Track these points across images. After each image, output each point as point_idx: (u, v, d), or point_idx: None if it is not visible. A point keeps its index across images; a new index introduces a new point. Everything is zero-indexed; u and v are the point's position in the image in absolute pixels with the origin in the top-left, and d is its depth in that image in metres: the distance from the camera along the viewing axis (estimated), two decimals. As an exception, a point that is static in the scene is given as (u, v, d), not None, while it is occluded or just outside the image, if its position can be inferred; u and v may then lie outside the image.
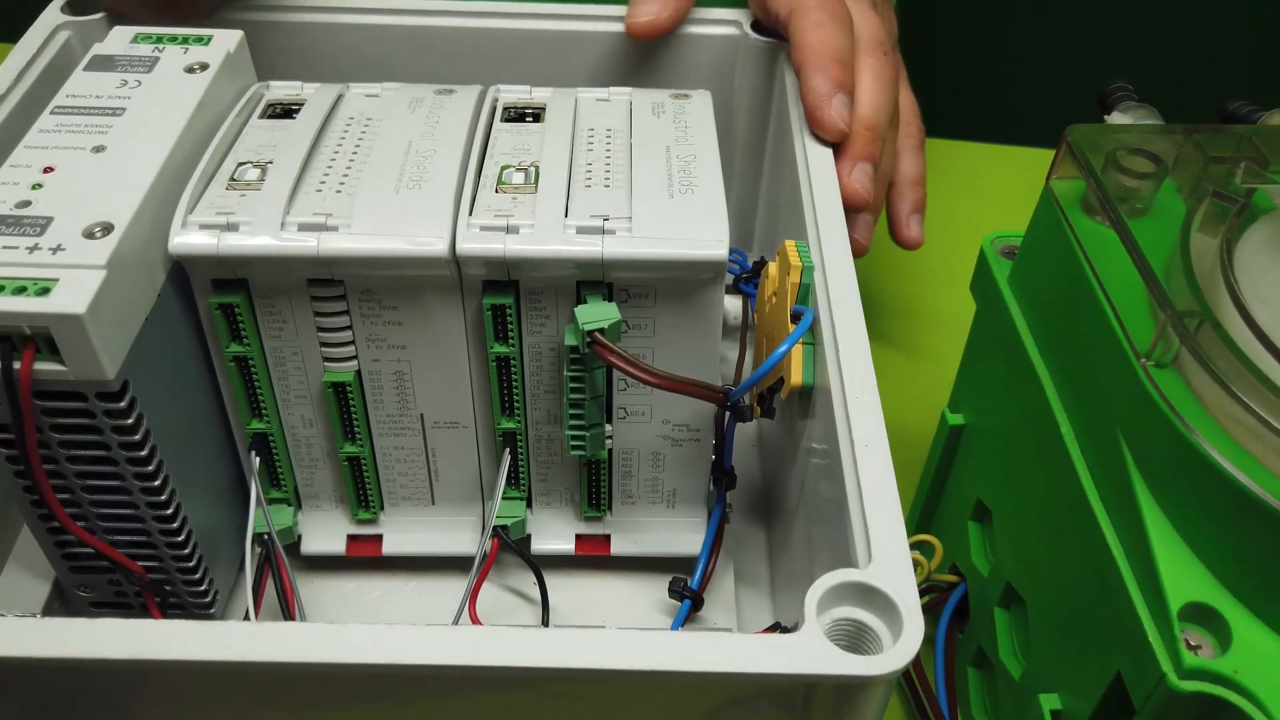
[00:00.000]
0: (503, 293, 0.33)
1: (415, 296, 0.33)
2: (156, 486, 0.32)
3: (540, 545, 0.39)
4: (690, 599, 0.37)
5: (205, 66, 0.35)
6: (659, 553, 0.39)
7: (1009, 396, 0.34)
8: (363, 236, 0.31)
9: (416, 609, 0.39)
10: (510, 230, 0.32)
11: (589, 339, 0.32)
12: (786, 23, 0.40)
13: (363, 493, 0.38)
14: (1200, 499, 0.25)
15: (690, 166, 0.34)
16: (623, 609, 0.39)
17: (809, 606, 0.25)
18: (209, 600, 0.36)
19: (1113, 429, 0.27)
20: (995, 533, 0.35)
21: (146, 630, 0.24)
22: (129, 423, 0.30)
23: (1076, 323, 0.30)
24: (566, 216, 0.32)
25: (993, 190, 0.63)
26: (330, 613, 0.39)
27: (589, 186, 0.34)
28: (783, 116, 0.43)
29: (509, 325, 0.33)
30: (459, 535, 0.39)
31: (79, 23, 0.43)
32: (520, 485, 0.38)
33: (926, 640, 0.38)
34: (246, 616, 0.35)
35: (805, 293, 0.33)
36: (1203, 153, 0.31)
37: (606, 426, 0.36)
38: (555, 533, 0.39)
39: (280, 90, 0.38)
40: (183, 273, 0.32)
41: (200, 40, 0.37)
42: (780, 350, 0.32)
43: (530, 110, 0.38)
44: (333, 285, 0.33)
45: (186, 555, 0.34)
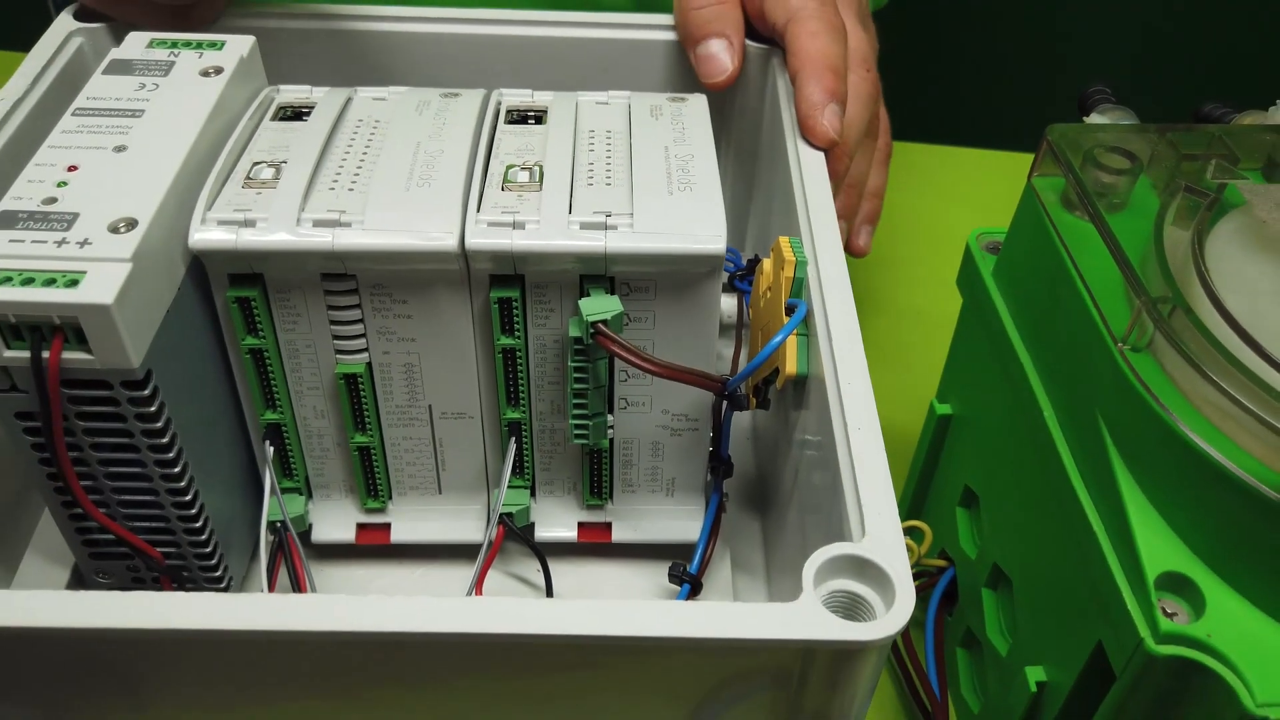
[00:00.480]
0: (509, 286, 0.34)
1: (425, 290, 0.34)
2: (176, 473, 0.33)
3: (543, 533, 0.40)
4: (689, 584, 0.38)
5: (220, 70, 0.37)
6: (659, 539, 0.40)
7: (994, 385, 0.35)
8: (376, 232, 0.33)
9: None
10: (517, 226, 0.33)
11: (593, 330, 0.33)
12: (783, 31, 0.42)
13: (372, 482, 0.39)
14: (1175, 475, 0.27)
15: (688, 166, 0.36)
16: (624, 594, 0.40)
17: (806, 577, 0.26)
18: (224, 585, 0.37)
19: (1092, 411, 0.29)
20: (983, 517, 0.37)
21: (181, 601, 0.25)
22: (152, 410, 0.31)
23: (1057, 312, 0.31)
24: (570, 213, 0.34)
25: (972, 192, 0.65)
26: (340, 599, 0.40)
27: (591, 185, 0.35)
28: (775, 120, 0.44)
29: (515, 318, 0.35)
30: (465, 523, 0.40)
31: (90, 29, 0.44)
32: (524, 474, 0.39)
33: (917, 623, 0.39)
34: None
35: (799, 286, 0.35)
36: (1176, 150, 0.33)
37: (608, 416, 0.37)
38: (558, 520, 0.40)
39: (290, 94, 0.39)
40: (200, 268, 0.34)
41: (214, 45, 0.38)
42: (776, 340, 0.33)
43: (532, 113, 0.39)
44: (345, 280, 0.34)
45: (203, 541, 0.35)
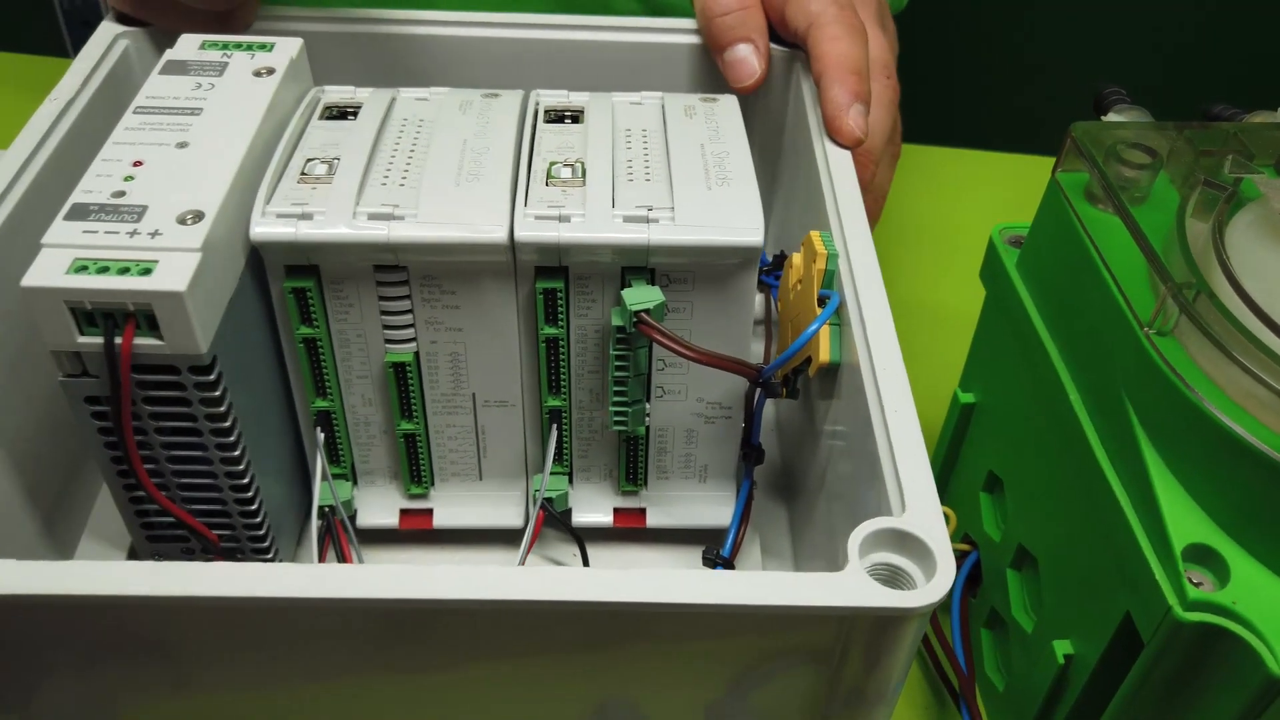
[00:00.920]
0: (554, 278, 0.36)
1: (473, 282, 0.36)
2: (236, 457, 0.34)
3: (580, 517, 0.41)
4: (723, 566, 0.40)
5: (271, 71, 0.38)
6: (692, 524, 0.42)
7: (1019, 372, 0.37)
8: (429, 225, 0.34)
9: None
10: (563, 219, 0.35)
11: (635, 319, 0.35)
12: (805, 36, 0.43)
13: (416, 469, 0.40)
14: (1200, 451, 0.28)
15: (724, 162, 0.37)
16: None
17: (851, 549, 0.27)
18: (275, 568, 0.38)
19: (1118, 393, 0.30)
20: (1007, 500, 0.38)
21: (239, 571, 0.26)
22: (216, 395, 0.32)
23: (1082, 300, 0.33)
24: (613, 207, 0.35)
25: (976, 192, 0.67)
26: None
27: (631, 180, 0.37)
28: (799, 120, 0.46)
29: (559, 308, 0.36)
30: (505, 509, 0.41)
31: (134, 33, 0.46)
32: (563, 461, 0.40)
33: (942, 606, 0.41)
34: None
35: (830, 278, 0.36)
36: (1193, 147, 0.34)
37: (646, 404, 0.38)
38: (594, 506, 0.42)
39: (335, 94, 0.41)
40: (257, 259, 0.35)
41: (264, 47, 0.39)
42: (811, 329, 0.35)
43: (569, 112, 0.41)
44: (397, 271, 0.35)
45: (258, 524, 0.36)
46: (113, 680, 0.30)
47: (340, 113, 0.40)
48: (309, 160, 0.36)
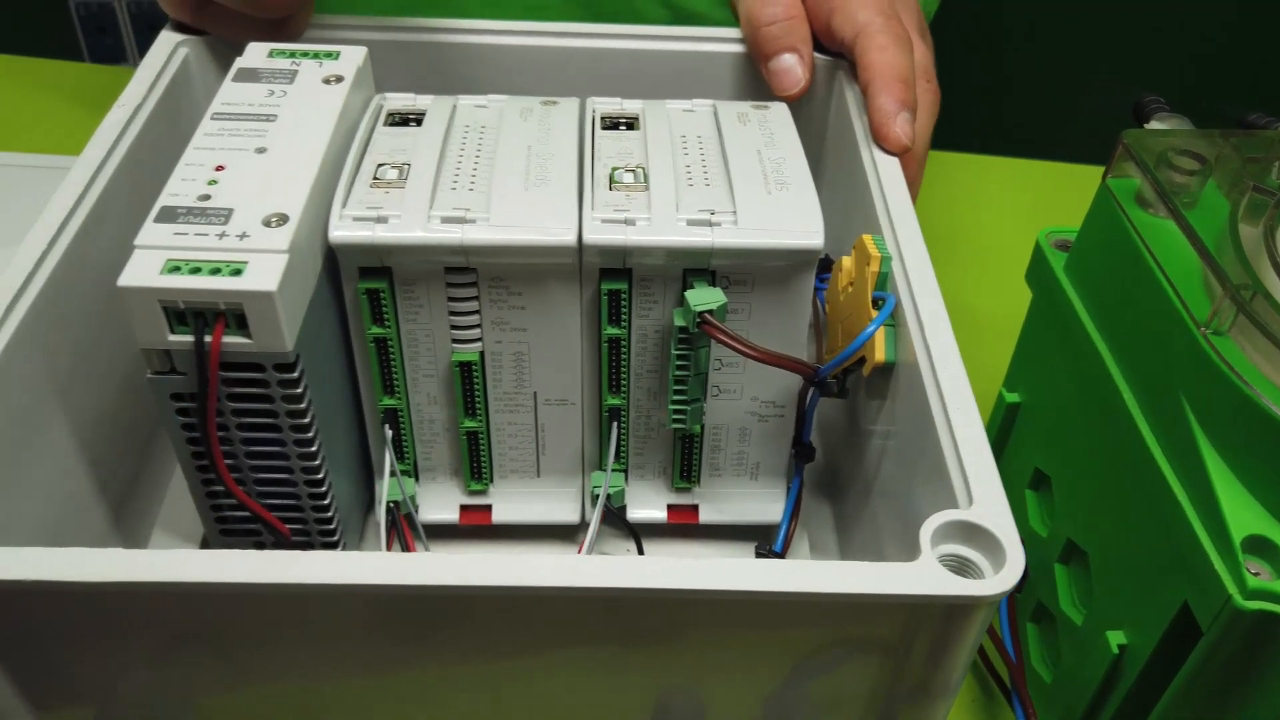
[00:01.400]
0: (618, 279, 0.37)
1: (539, 283, 0.37)
2: (313, 452, 0.35)
3: (635, 513, 0.43)
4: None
5: (341, 79, 0.39)
6: (744, 521, 0.43)
7: (1067, 372, 0.38)
8: (501, 228, 0.35)
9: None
10: (629, 223, 0.36)
11: (699, 319, 0.36)
12: (852, 45, 0.45)
13: (477, 465, 0.41)
14: (1256, 445, 0.29)
15: (782, 167, 0.38)
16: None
17: (924, 539, 0.29)
18: (343, 562, 0.39)
19: (1174, 391, 0.31)
20: (1055, 496, 0.39)
21: (317, 559, 0.27)
22: (298, 392, 0.34)
23: (1135, 302, 0.34)
24: (677, 211, 0.36)
25: (1004, 199, 0.68)
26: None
27: (691, 185, 0.38)
28: (841, 127, 0.47)
29: (622, 309, 0.37)
30: (561, 505, 0.42)
31: (193, 42, 0.47)
32: (620, 458, 0.41)
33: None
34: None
35: (884, 281, 0.37)
36: (1239, 154, 0.35)
37: (703, 403, 0.39)
38: (648, 502, 0.43)
39: (397, 101, 0.42)
40: (331, 261, 0.36)
41: (330, 55, 0.41)
42: (869, 330, 0.36)
43: (624, 119, 0.42)
44: (467, 273, 0.36)
45: (329, 519, 0.38)
46: (201, 668, 0.31)
47: (402, 119, 0.41)
48: (380, 165, 0.37)
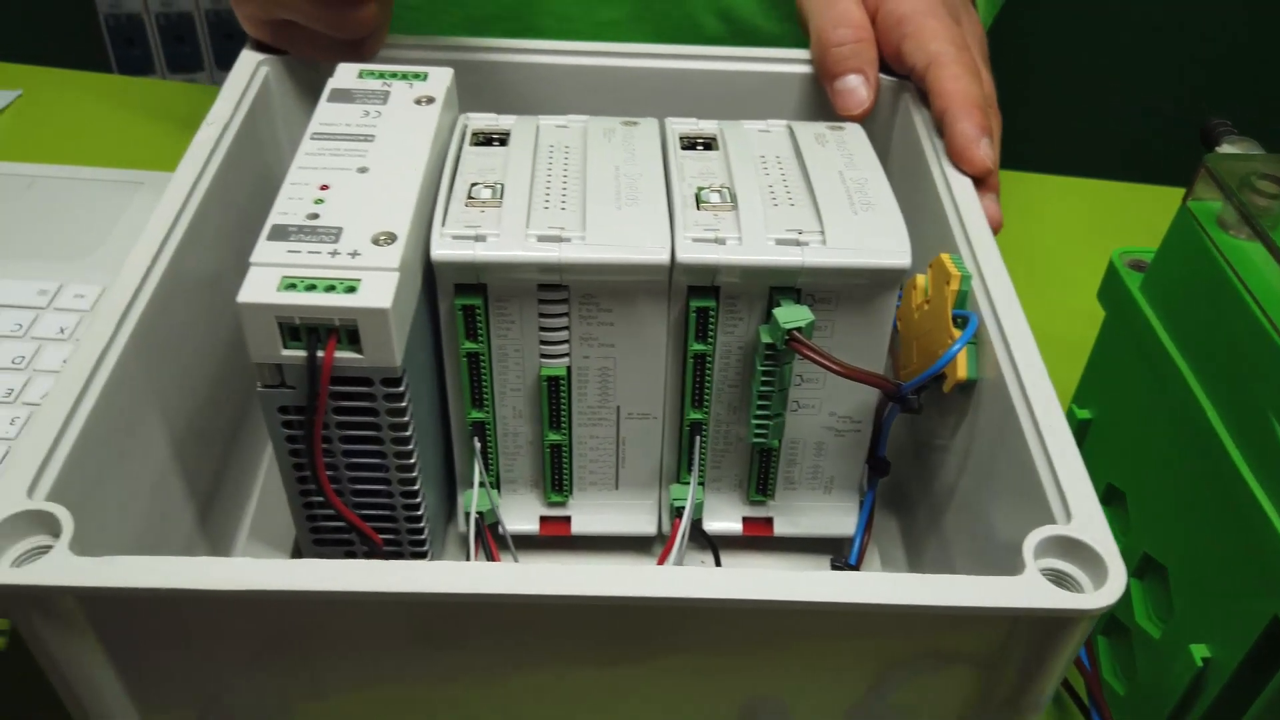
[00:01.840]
0: (706, 297, 0.38)
1: (628, 300, 0.38)
2: (411, 464, 0.36)
3: (710, 525, 0.43)
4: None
5: (432, 100, 0.40)
6: (818, 534, 0.43)
7: (1143, 389, 0.39)
8: (596, 247, 0.36)
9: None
10: (719, 241, 0.37)
11: (788, 336, 0.36)
12: (924, 73, 0.46)
13: (558, 478, 0.42)
14: (1349, 464, 0.30)
15: (865, 188, 0.39)
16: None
17: (1027, 553, 0.29)
18: (431, 571, 0.40)
19: (1263, 409, 0.32)
20: (1130, 511, 0.40)
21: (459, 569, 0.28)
22: (402, 405, 0.34)
23: (1221, 322, 0.34)
24: (766, 230, 0.37)
25: (1058, 218, 0.69)
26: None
27: (776, 205, 0.39)
28: (908, 147, 0.48)
29: (709, 326, 0.38)
30: (639, 517, 0.43)
31: (272, 60, 0.48)
32: (700, 472, 0.42)
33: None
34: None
35: (964, 299, 0.38)
36: (1318, 177, 0.36)
37: (785, 417, 0.40)
38: (724, 514, 0.43)
39: (479, 121, 0.43)
40: (428, 278, 0.37)
41: (419, 76, 0.42)
42: (954, 349, 0.37)
43: (701, 140, 0.43)
44: (559, 290, 0.37)
45: (420, 528, 0.38)
46: (304, 673, 0.32)
47: (487, 139, 0.42)
48: (473, 185, 0.38)
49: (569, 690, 0.33)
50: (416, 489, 0.37)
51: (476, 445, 0.40)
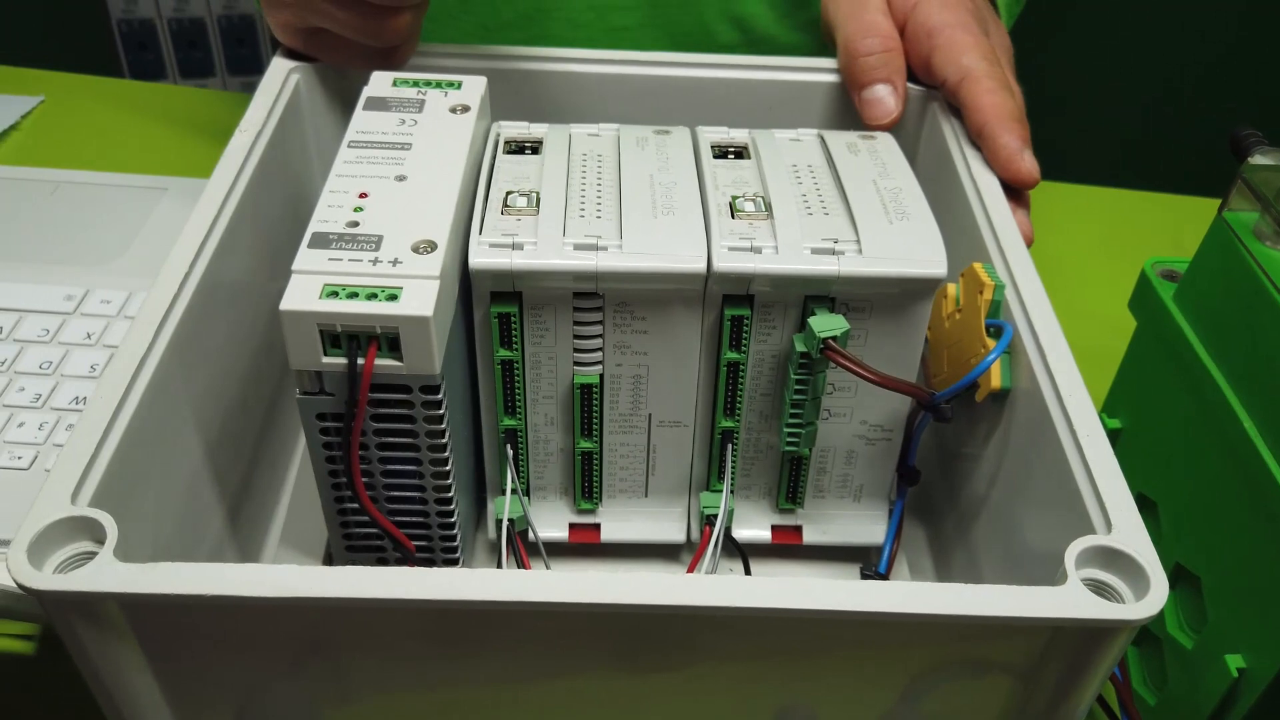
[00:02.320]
0: (740, 305, 0.38)
1: (663, 308, 0.38)
2: (445, 471, 0.36)
3: (739, 533, 0.43)
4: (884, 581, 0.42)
5: (467, 109, 0.40)
6: (847, 542, 0.43)
7: (1176, 398, 0.39)
8: (634, 255, 0.36)
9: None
10: (754, 250, 0.37)
11: (822, 345, 0.37)
12: (955, 87, 0.46)
13: (588, 485, 0.42)
14: (1391, 476, 0.30)
15: (899, 197, 0.39)
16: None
17: (1069, 564, 0.29)
18: (463, 578, 0.40)
19: (1301, 420, 0.32)
20: (1161, 521, 0.40)
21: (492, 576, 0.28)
22: (439, 412, 0.35)
23: (1258, 332, 0.35)
24: (801, 239, 0.37)
25: (1075, 228, 0.69)
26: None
27: (810, 214, 0.39)
28: (935, 156, 0.48)
29: (743, 335, 0.38)
30: (668, 524, 0.43)
31: (304, 68, 0.48)
32: (731, 479, 0.42)
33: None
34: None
35: (997, 309, 0.38)
36: (1352, 189, 0.36)
37: (817, 426, 0.40)
38: (753, 522, 0.44)
39: (511, 129, 0.43)
40: (465, 286, 0.37)
41: (453, 85, 0.42)
42: (990, 359, 0.37)
43: (732, 148, 0.43)
44: (594, 298, 0.37)
45: (453, 535, 0.38)
46: (339, 678, 0.32)
47: (519, 147, 0.42)
48: (509, 193, 0.38)
49: (599, 698, 0.33)
50: (451, 496, 0.37)
51: (508, 452, 0.40)
